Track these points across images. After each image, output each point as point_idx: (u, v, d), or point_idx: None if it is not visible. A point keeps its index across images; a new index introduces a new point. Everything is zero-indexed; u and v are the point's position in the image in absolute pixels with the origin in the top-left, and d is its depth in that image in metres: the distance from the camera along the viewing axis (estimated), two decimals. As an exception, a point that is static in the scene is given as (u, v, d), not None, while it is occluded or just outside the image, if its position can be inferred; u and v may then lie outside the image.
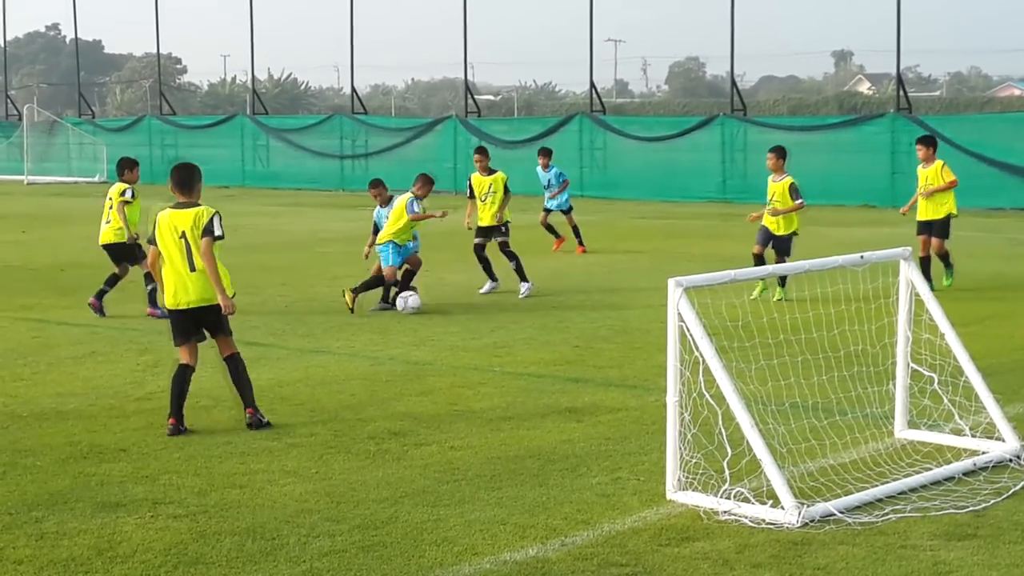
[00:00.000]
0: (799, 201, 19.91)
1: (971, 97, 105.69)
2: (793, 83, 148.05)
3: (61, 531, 9.17)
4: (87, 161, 62.96)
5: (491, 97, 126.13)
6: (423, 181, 20.29)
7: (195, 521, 9.37)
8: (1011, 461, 10.71)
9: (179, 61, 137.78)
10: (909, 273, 11.44)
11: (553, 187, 29.18)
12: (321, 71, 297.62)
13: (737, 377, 10.34)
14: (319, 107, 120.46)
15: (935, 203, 20.96)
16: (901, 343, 11.50)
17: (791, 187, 19.95)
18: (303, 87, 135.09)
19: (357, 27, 57.19)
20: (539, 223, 28.81)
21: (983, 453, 10.85)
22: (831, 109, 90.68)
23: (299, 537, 8.99)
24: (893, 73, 47.53)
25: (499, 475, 10.52)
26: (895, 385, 11.61)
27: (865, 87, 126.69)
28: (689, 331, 9.68)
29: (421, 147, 53.04)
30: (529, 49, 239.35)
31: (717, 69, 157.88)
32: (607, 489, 10.10)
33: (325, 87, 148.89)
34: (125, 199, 19.10)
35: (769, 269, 12.90)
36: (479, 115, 55.53)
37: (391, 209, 20.03)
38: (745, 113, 48.66)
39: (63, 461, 11.04)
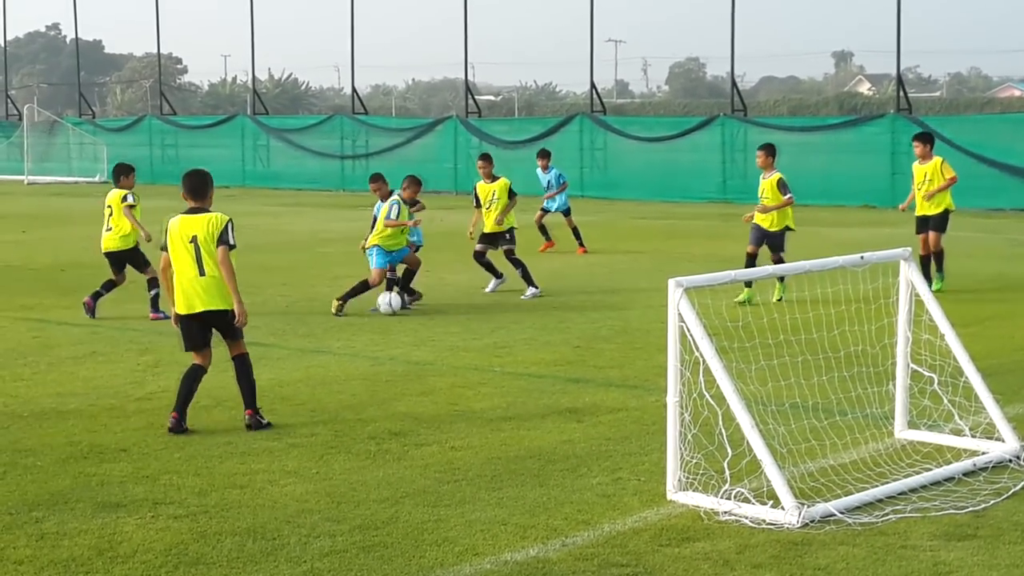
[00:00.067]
0: (788, 196, 19.74)
1: (971, 98, 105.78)
2: (793, 84, 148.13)
3: (61, 531, 9.17)
4: (87, 161, 62.97)
5: (492, 97, 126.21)
6: (409, 182, 20.21)
7: (196, 521, 9.37)
8: (1011, 461, 10.71)
9: (180, 61, 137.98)
10: (909, 274, 11.44)
11: (553, 189, 29.17)
12: (322, 71, 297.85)
13: (737, 377, 10.34)
14: (320, 107, 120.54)
15: (934, 199, 20.96)
16: (901, 344, 11.50)
17: (779, 182, 19.78)
18: (304, 87, 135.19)
19: (358, 27, 57.31)
20: (534, 222, 28.67)
21: (983, 453, 10.86)
22: (831, 110, 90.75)
23: (300, 537, 9.00)
24: (893, 74, 47.59)
25: (500, 475, 10.53)
26: (895, 385, 11.62)
27: (865, 88, 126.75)
28: (689, 331, 9.68)
29: (422, 147, 53.06)
30: (530, 49, 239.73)
31: (717, 69, 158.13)
32: (608, 489, 10.11)
33: (326, 87, 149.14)
34: (129, 203, 19.06)
35: (770, 270, 12.89)
36: (480, 115, 55.54)
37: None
38: (745, 114, 48.68)
39: (63, 461, 11.05)
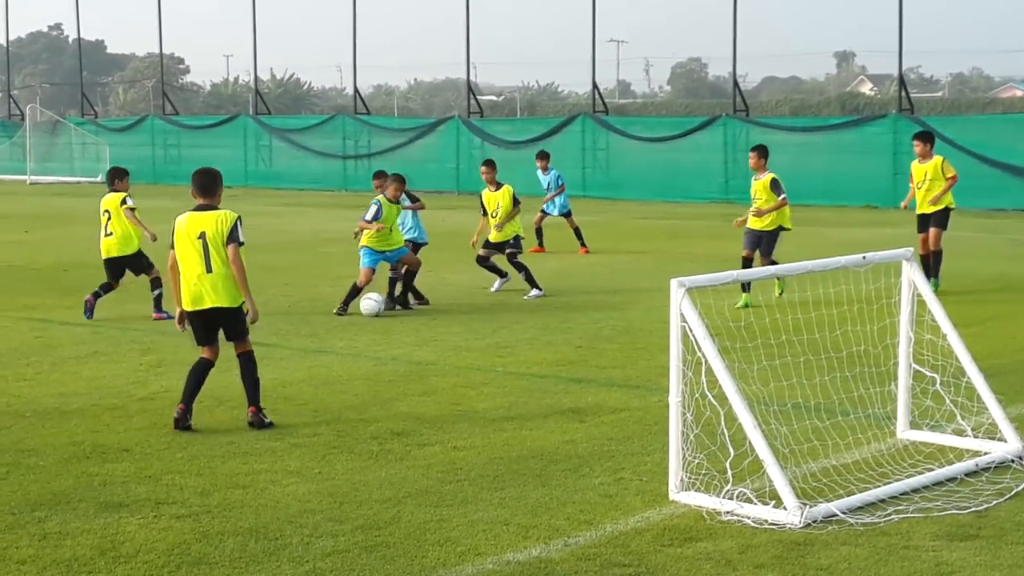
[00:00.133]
0: (782, 196, 19.58)
1: (973, 98, 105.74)
2: (795, 84, 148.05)
3: (64, 531, 9.18)
4: (90, 161, 62.96)
5: (494, 97, 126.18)
6: (391, 181, 20.00)
7: (198, 521, 9.38)
8: (1013, 462, 10.71)
9: (182, 61, 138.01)
10: (911, 274, 11.44)
11: (552, 191, 29.10)
12: (324, 71, 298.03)
13: (739, 378, 10.35)
14: (322, 107, 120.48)
15: (934, 195, 20.86)
16: (903, 344, 11.50)
17: (772, 182, 19.58)
18: (306, 87, 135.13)
19: (360, 27, 57.27)
20: (533, 224, 28.58)
21: (985, 454, 10.86)
22: (833, 110, 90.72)
23: (302, 537, 9.00)
24: (895, 74, 47.45)
25: (502, 475, 10.53)
26: (897, 386, 11.62)
27: (867, 88, 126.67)
28: (692, 331, 9.68)
29: (424, 147, 53.09)
30: (532, 49, 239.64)
31: (719, 70, 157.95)
32: (610, 489, 10.11)
33: (328, 87, 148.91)
34: (129, 206, 19.01)
35: (772, 270, 12.91)
36: (482, 115, 55.55)
37: None
38: (747, 114, 48.66)
39: (66, 461, 11.06)
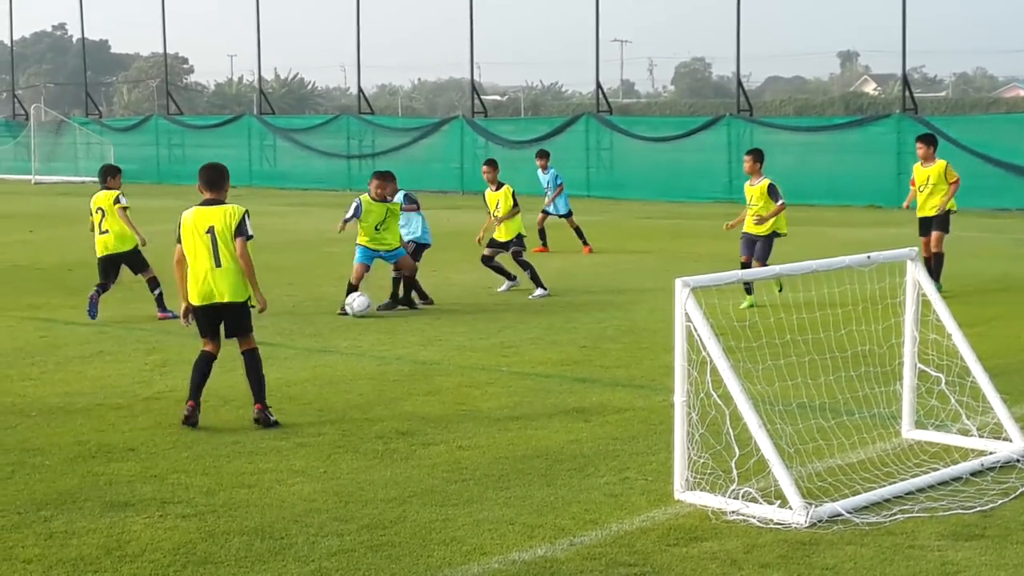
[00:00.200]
0: (780, 202, 19.46)
1: (977, 98, 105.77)
2: (799, 84, 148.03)
3: (70, 530, 9.19)
4: (94, 161, 62.57)
5: (497, 97, 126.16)
6: (373, 177, 19.97)
7: (203, 520, 9.39)
8: (1018, 461, 10.71)
9: (186, 61, 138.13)
10: (916, 274, 11.44)
11: (552, 190, 29.04)
12: (328, 71, 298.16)
13: (744, 377, 10.34)
14: (326, 107, 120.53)
15: (936, 199, 20.79)
16: (908, 343, 11.50)
17: (770, 188, 19.41)
18: (310, 87, 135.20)
19: (364, 27, 57.37)
20: (536, 225, 28.55)
21: (990, 453, 10.86)
22: (837, 110, 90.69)
23: (307, 537, 9.01)
24: (899, 74, 47.36)
25: (507, 475, 10.54)
26: (902, 385, 11.62)
27: (871, 88, 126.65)
28: (696, 331, 9.69)
29: (428, 147, 53.08)
30: (535, 49, 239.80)
31: (723, 70, 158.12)
32: (615, 489, 10.11)
33: (332, 87, 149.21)
34: (123, 205, 18.98)
35: (777, 269, 12.89)
36: (485, 115, 55.49)
37: None
38: (751, 113, 48.64)
39: (71, 460, 11.07)
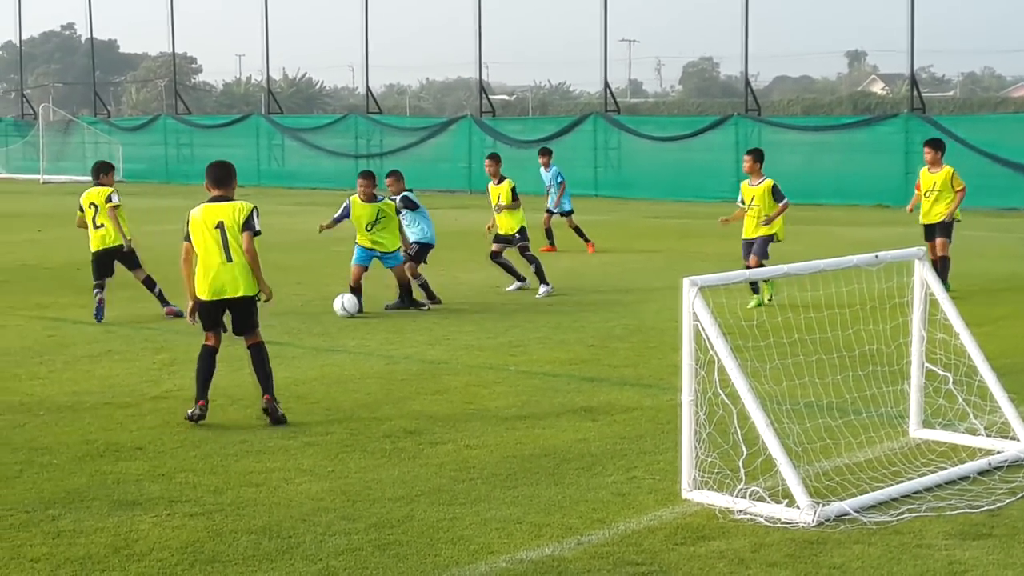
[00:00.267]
0: (784, 201, 19.37)
1: (984, 97, 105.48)
2: (807, 83, 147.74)
3: (78, 529, 9.21)
4: (103, 160, 62.94)
5: (505, 97, 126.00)
6: (359, 178, 19.97)
7: (211, 519, 9.40)
8: (1026, 461, 10.71)
9: (194, 61, 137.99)
10: (923, 273, 11.44)
11: (555, 188, 28.98)
12: (336, 71, 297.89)
13: (752, 376, 10.35)
14: (334, 106, 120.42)
15: (941, 206, 20.66)
16: (915, 343, 11.50)
17: (774, 189, 19.30)
18: (318, 87, 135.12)
19: (372, 27, 57.30)
20: (544, 227, 28.51)
21: (998, 452, 10.85)
22: (845, 109, 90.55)
23: (315, 535, 9.02)
24: (907, 73, 47.39)
25: (514, 474, 10.54)
26: (910, 384, 11.62)
27: (879, 87, 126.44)
28: (704, 330, 9.69)
29: (436, 146, 53.11)
30: (543, 49, 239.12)
31: (731, 69, 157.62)
32: (622, 488, 10.12)
33: (340, 87, 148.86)
34: (114, 204, 18.96)
35: (785, 268, 12.87)
36: (493, 115, 55.52)
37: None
38: (759, 113, 48.64)
39: (79, 459, 11.09)
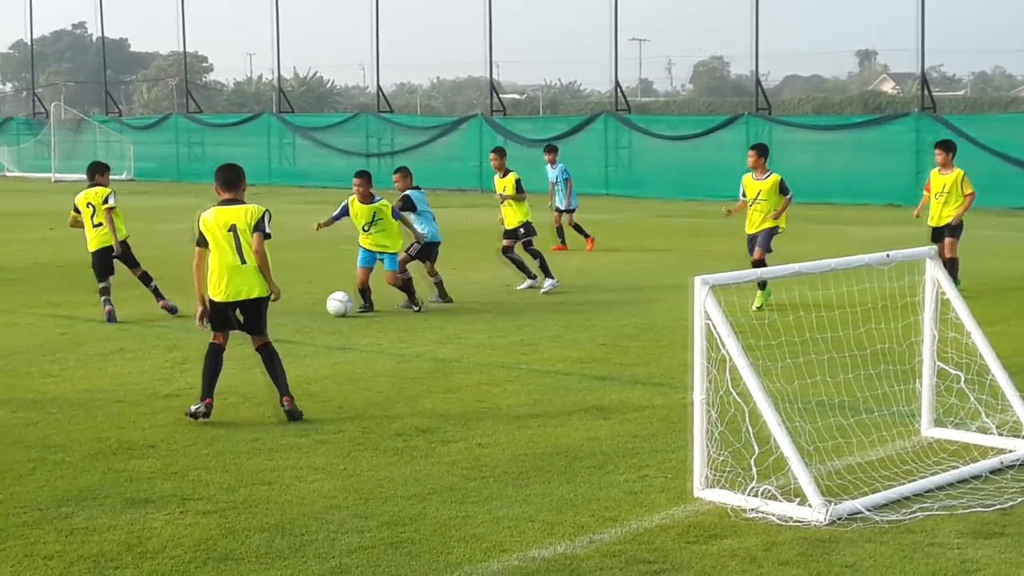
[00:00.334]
0: (789, 195, 19.34)
1: (995, 97, 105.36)
2: (817, 82, 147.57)
3: (90, 527, 9.23)
4: (114, 159, 62.81)
5: (516, 96, 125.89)
6: (354, 178, 19.86)
7: (224, 517, 9.43)
8: (1038, 460, 10.70)
9: (205, 59, 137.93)
10: (935, 272, 11.44)
11: (560, 185, 28.98)
12: (347, 70, 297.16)
13: (763, 375, 10.35)
14: (345, 105, 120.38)
15: (950, 208, 20.53)
16: (927, 341, 11.49)
17: (782, 183, 19.29)
18: (329, 85, 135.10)
19: (382, 26, 57.38)
20: (555, 225, 28.54)
21: (1010, 451, 10.84)
22: (855, 108, 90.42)
23: (327, 533, 9.04)
24: (917, 72, 47.30)
25: (526, 472, 10.56)
26: (921, 383, 11.61)
27: (889, 86, 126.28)
28: (716, 329, 9.69)
29: (446, 145, 53.12)
30: (554, 48, 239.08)
31: (741, 68, 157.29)
32: (634, 486, 10.13)
33: (351, 85, 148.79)
34: (110, 205, 18.85)
35: (796, 267, 12.87)
36: (504, 114, 55.52)
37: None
38: (770, 112, 48.60)
39: (92, 457, 11.12)
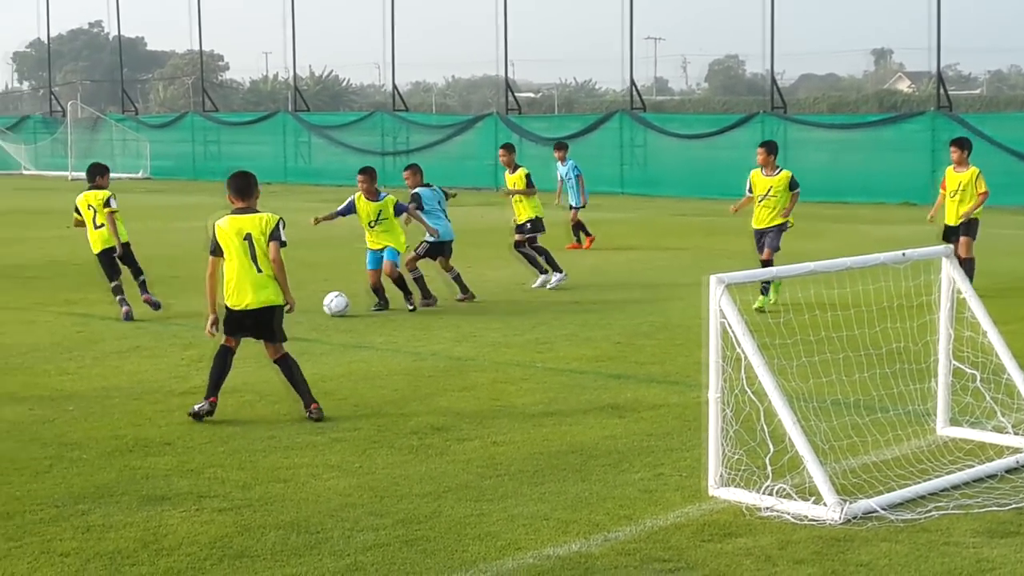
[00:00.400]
0: (797, 190, 19.33)
1: (1011, 95, 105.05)
2: (833, 81, 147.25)
3: (107, 524, 9.26)
4: (130, 157, 63.24)
5: (531, 94, 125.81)
6: (358, 174, 19.76)
7: (239, 514, 9.45)
8: (1054, 459, 10.68)
9: (221, 58, 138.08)
10: (951, 271, 11.43)
11: (571, 181, 28.97)
12: (362, 68, 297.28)
13: (778, 374, 10.34)
14: (360, 104, 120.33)
15: (966, 207, 20.43)
16: (943, 340, 11.48)
17: (792, 180, 19.26)
18: (344, 84, 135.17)
19: (397, 25, 57.44)
20: (572, 222, 28.57)
21: (1026, 451, 10.84)
22: (871, 107, 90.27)
23: (343, 531, 9.05)
24: (933, 71, 47.23)
25: (541, 470, 10.56)
26: (937, 382, 11.59)
27: (905, 85, 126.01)
28: (731, 328, 9.68)
29: (462, 144, 53.15)
30: (568, 47, 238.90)
31: (756, 67, 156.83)
32: (649, 485, 10.13)
33: (366, 84, 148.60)
34: (112, 208, 18.84)
35: (811, 266, 12.86)
36: (519, 112, 55.54)
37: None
38: (785, 111, 48.54)
39: (108, 454, 11.15)
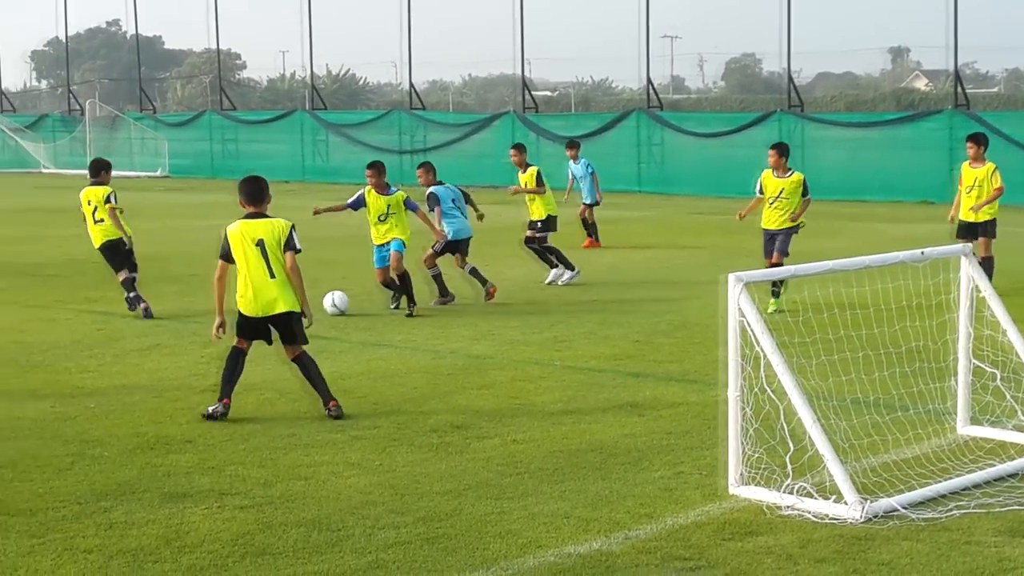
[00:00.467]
0: (808, 197, 19.38)
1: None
2: (850, 79, 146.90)
3: (129, 521, 9.30)
4: (149, 156, 63.36)
5: (548, 93, 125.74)
6: (367, 168, 20.35)
7: (261, 512, 9.48)
8: (1074, 458, 10.67)
9: (238, 57, 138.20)
10: (970, 269, 11.41)
11: (585, 179, 28.94)
12: (379, 67, 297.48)
13: (798, 372, 10.34)
14: (377, 102, 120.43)
15: (977, 205, 20.45)
16: (963, 339, 11.47)
17: (805, 183, 19.34)
18: (361, 82, 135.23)
19: (414, 23, 57.36)
20: (590, 220, 28.58)
21: (1046, 450, 10.83)
22: (888, 105, 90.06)
23: (364, 528, 9.08)
24: (950, 69, 47.07)
25: (561, 468, 10.58)
26: (957, 381, 11.58)
27: (922, 83, 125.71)
28: (750, 326, 9.69)
29: (479, 142, 53.11)
30: (585, 45, 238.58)
31: (773, 65, 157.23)
32: (669, 483, 10.14)
33: (383, 83, 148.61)
34: (113, 205, 18.91)
35: (830, 265, 12.85)
36: (536, 111, 55.51)
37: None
38: (802, 109, 48.42)
39: (130, 452, 11.20)
